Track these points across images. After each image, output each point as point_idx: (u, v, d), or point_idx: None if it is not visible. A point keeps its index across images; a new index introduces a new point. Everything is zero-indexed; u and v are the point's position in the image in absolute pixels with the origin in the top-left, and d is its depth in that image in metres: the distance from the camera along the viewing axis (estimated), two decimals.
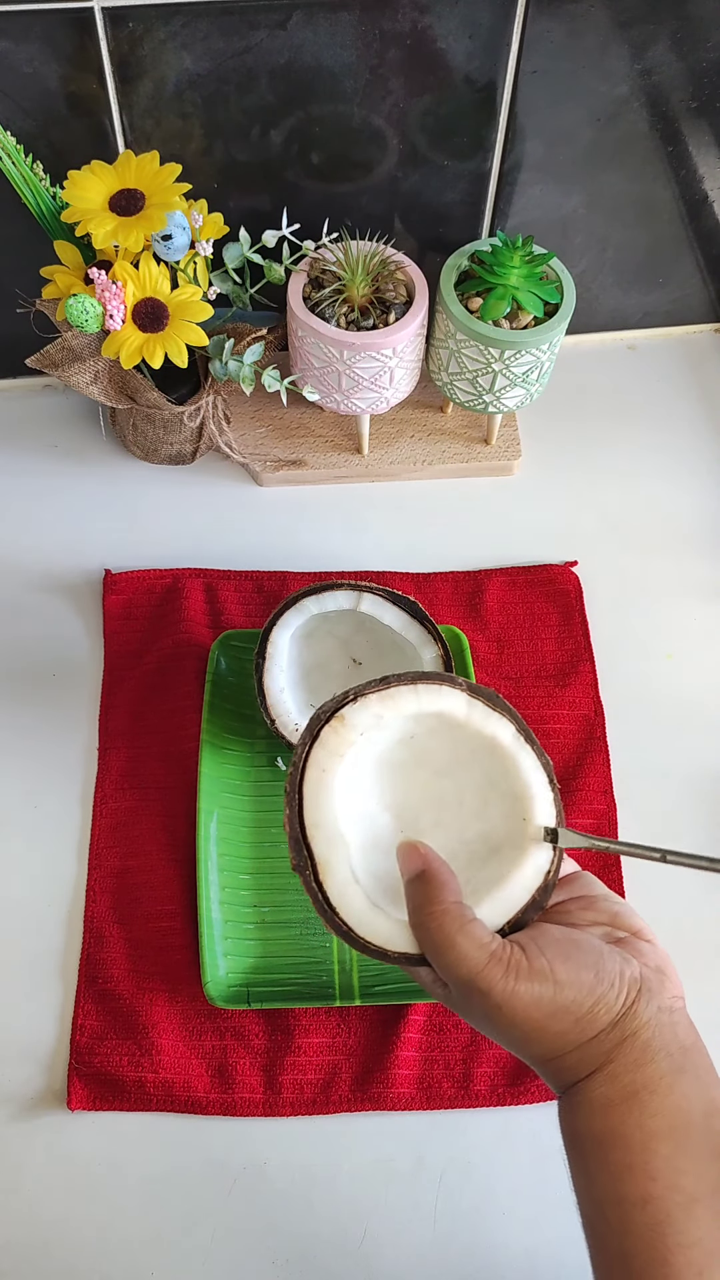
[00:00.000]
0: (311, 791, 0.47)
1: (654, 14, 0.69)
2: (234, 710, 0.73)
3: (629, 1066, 0.42)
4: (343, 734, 0.48)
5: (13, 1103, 0.63)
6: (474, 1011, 0.44)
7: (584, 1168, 0.43)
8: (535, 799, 0.49)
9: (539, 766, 0.49)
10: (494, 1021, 0.43)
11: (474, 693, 0.50)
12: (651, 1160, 0.41)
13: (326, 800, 0.47)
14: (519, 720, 0.50)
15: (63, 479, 0.86)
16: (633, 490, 0.86)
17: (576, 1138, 0.43)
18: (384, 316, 0.74)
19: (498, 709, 0.50)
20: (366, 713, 0.49)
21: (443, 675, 0.50)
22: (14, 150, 0.67)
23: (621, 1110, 0.42)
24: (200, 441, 0.82)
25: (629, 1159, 0.41)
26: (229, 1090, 0.63)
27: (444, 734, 0.50)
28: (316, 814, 0.47)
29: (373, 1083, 0.63)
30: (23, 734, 0.74)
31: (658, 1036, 0.43)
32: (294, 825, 0.47)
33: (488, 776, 0.51)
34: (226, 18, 0.66)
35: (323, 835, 0.47)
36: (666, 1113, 0.42)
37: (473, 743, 0.50)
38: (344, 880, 0.47)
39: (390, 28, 0.68)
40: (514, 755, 0.49)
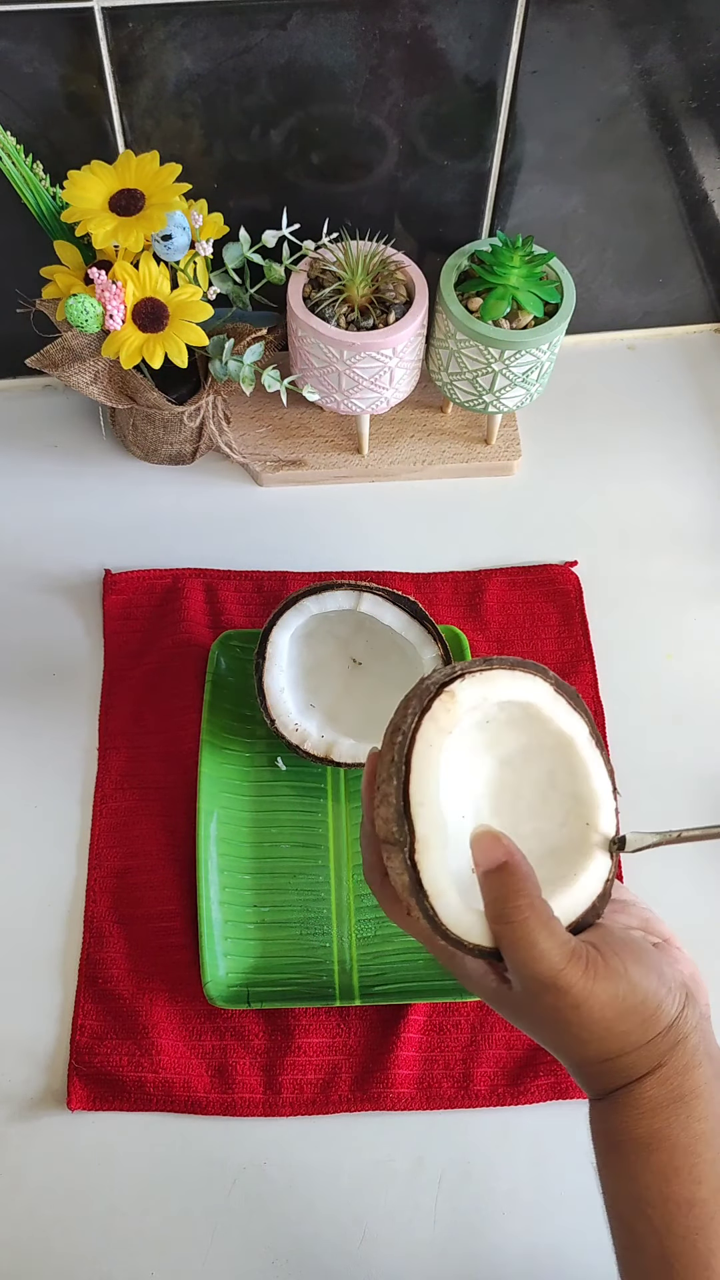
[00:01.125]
0: (420, 765, 0.46)
1: (654, 14, 0.69)
2: (234, 710, 0.73)
3: (679, 1070, 0.42)
4: (453, 711, 0.47)
5: (13, 1103, 0.63)
6: (540, 1011, 0.43)
7: (624, 1169, 0.43)
8: (601, 805, 0.48)
9: (605, 773, 0.49)
10: (565, 1021, 0.43)
11: (559, 688, 0.49)
12: (697, 1164, 0.41)
13: (433, 777, 0.46)
14: (593, 724, 0.50)
15: (63, 479, 0.86)
16: (633, 490, 0.86)
17: (616, 1138, 0.43)
18: (384, 316, 0.74)
19: (578, 709, 0.49)
20: (473, 691, 0.47)
21: (534, 665, 0.49)
22: (14, 150, 0.67)
23: (668, 1113, 0.42)
24: (200, 441, 0.82)
25: (674, 1161, 0.41)
26: (229, 1090, 0.63)
27: (522, 724, 0.50)
28: (422, 790, 0.45)
29: (373, 1083, 0.63)
30: (22, 734, 0.74)
31: (703, 1042, 0.43)
32: (399, 798, 0.45)
33: (551, 775, 0.50)
34: (226, 18, 0.66)
35: (426, 813, 0.45)
36: (711, 1117, 0.42)
37: (547, 738, 0.49)
38: (438, 862, 0.45)
39: (390, 28, 0.68)
40: (585, 757, 0.49)
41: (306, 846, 0.70)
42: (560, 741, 0.49)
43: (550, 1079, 0.63)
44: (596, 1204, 0.44)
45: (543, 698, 0.49)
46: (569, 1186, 0.61)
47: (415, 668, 0.70)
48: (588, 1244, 0.59)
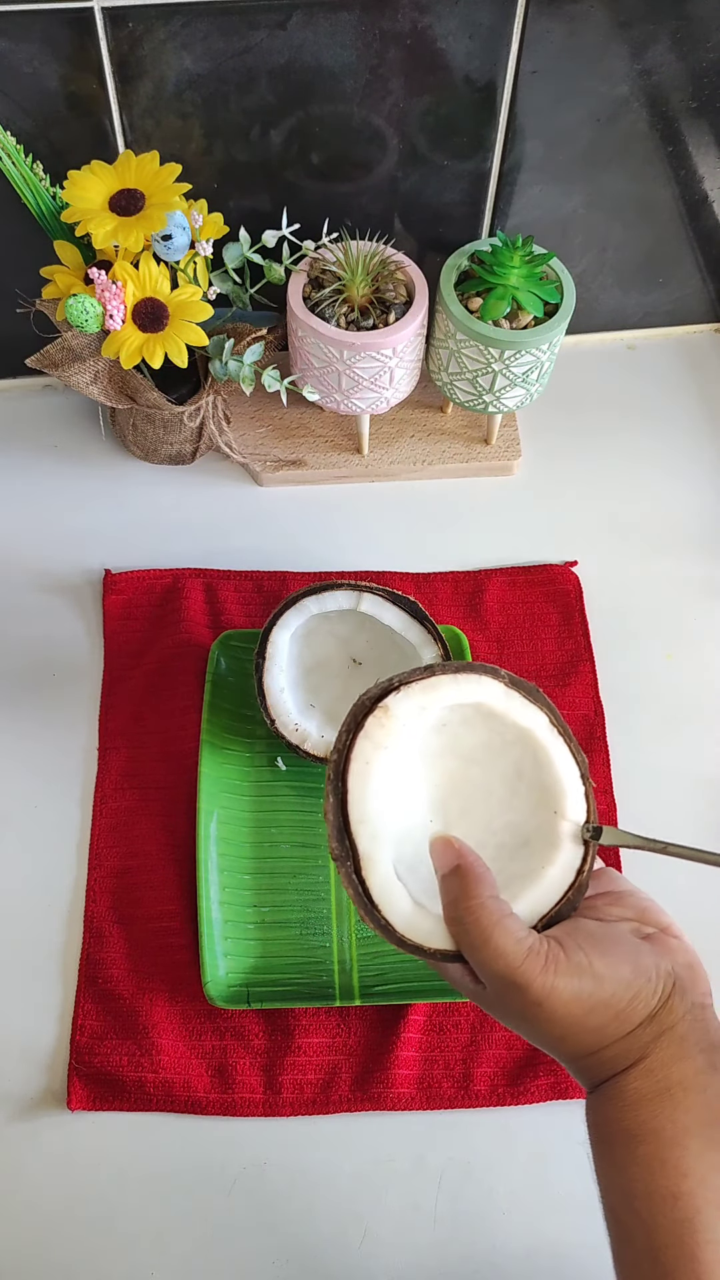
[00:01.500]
0: (356, 783, 0.47)
1: (654, 14, 0.69)
2: (234, 710, 0.73)
3: (664, 1061, 0.42)
4: (387, 725, 0.47)
5: (13, 1103, 0.63)
6: (510, 1009, 0.44)
7: (613, 1160, 0.43)
8: (567, 793, 0.48)
9: (572, 761, 0.49)
10: (531, 1018, 0.43)
11: (513, 684, 0.49)
12: (684, 1156, 0.41)
13: (371, 793, 0.47)
14: (556, 715, 0.50)
15: (63, 479, 0.86)
16: (632, 490, 0.86)
17: (606, 1131, 0.43)
18: (384, 316, 0.74)
19: (535, 701, 0.50)
20: (410, 703, 0.48)
21: (484, 666, 0.49)
22: (14, 150, 0.67)
23: (654, 1105, 0.42)
24: (200, 441, 0.82)
25: (660, 1153, 0.41)
26: (229, 1090, 0.63)
27: (478, 723, 0.50)
28: (361, 808, 0.46)
29: (373, 1083, 0.63)
30: (22, 734, 0.74)
31: (692, 1032, 0.43)
32: (337, 815, 0.47)
33: (517, 767, 0.50)
34: (226, 18, 0.66)
35: (367, 830, 0.46)
36: (699, 1109, 0.42)
37: (507, 733, 0.50)
38: (386, 876, 0.46)
39: (390, 28, 0.68)
40: (546, 746, 0.49)
41: (306, 846, 0.70)
42: (520, 734, 0.49)
43: (550, 1079, 0.63)
44: (596, 1204, 0.44)
45: (494, 695, 0.49)
46: (569, 1186, 0.61)
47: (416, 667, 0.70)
48: (588, 1244, 0.59)
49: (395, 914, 0.46)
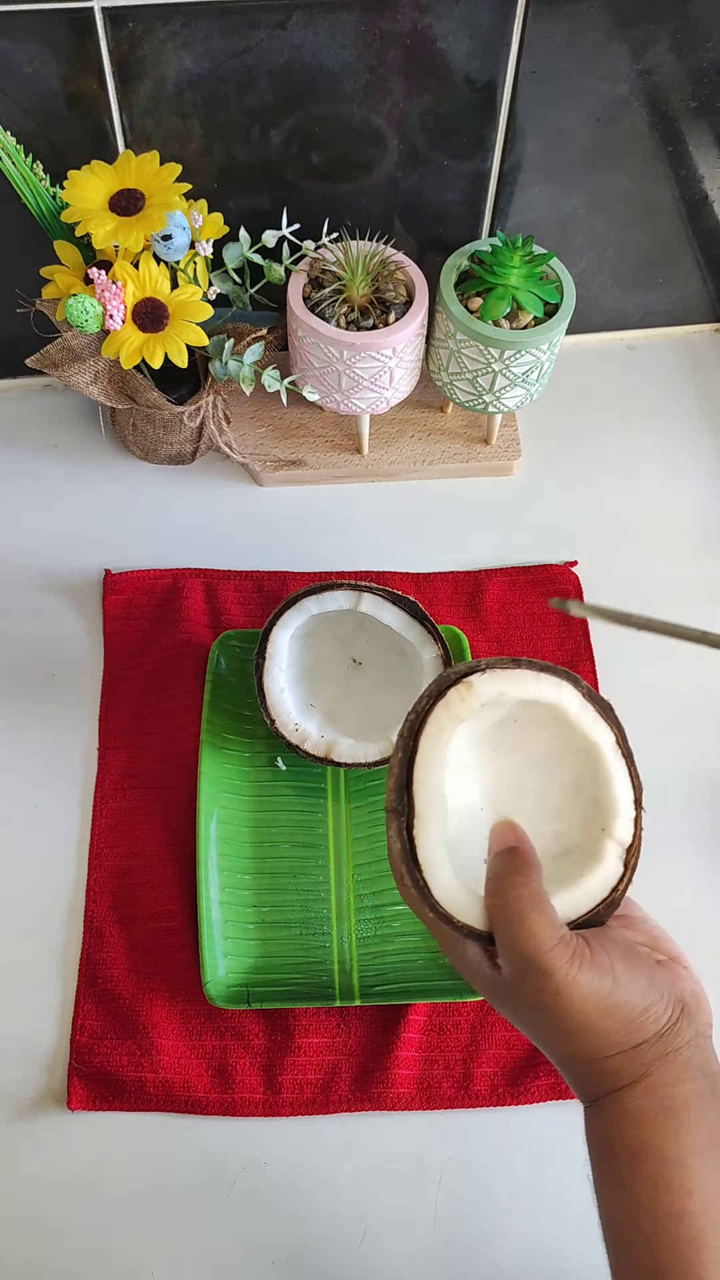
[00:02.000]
0: (427, 745, 0.47)
1: (654, 14, 0.69)
2: (234, 710, 0.73)
3: (668, 1081, 0.42)
4: (468, 700, 0.48)
5: (13, 1103, 0.63)
6: (526, 996, 0.44)
7: (616, 1178, 0.43)
8: (619, 815, 0.49)
9: (630, 785, 0.49)
10: (547, 1008, 0.43)
11: (589, 697, 0.50)
12: (688, 1176, 0.41)
13: (439, 759, 0.47)
14: (624, 735, 0.50)
15: (63, 479, 0.86)
16: (633, 490, 0.86)
17: (608, 1147, 0.43)
18: (384, 316, 0.74)
19: (607, 718, 0.50)
20: (493, 686, 0.48)
21: (566, 672, 0.50)
22: (14, 150, 0.67)
23: (658, 1123, 0.42)
24: (200, 441, 0.82)
25: (664, 1172, 0.41)
26: (229, 1090, 0.63)
27: (549, 727, 0.50)
28: (426, 769, 0.47)
29: (373, 1083, 0.63)
30: (23, 734, 0.74)
31: (695, 1058, 0.43)
32: (402, 770, 0.47)
33: (577, 779, 0.51)
34: (226, 18, 0.66)
35: (427, 791, 0.47)
36: (703, 1130, 0.42)
37: (574, 742, 0.50)
38: (436, 840, 0.47)
39: (390, 28, 0.68)
40: (609, 764, 0.49)
41: (306, 846, 0.70)
42: (587, 747, 0.49)
43: (550, 1079, 0.63)
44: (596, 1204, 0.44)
45: (569, 702, 0.49)
46: (569, 1186, 0.61)
47: (415, 668, 0.70)
48: (588, 1244, 0.59)
49: (435, 879, 0.46)
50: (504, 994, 0.46)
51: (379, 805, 0.71)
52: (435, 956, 0.67)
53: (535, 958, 0.43)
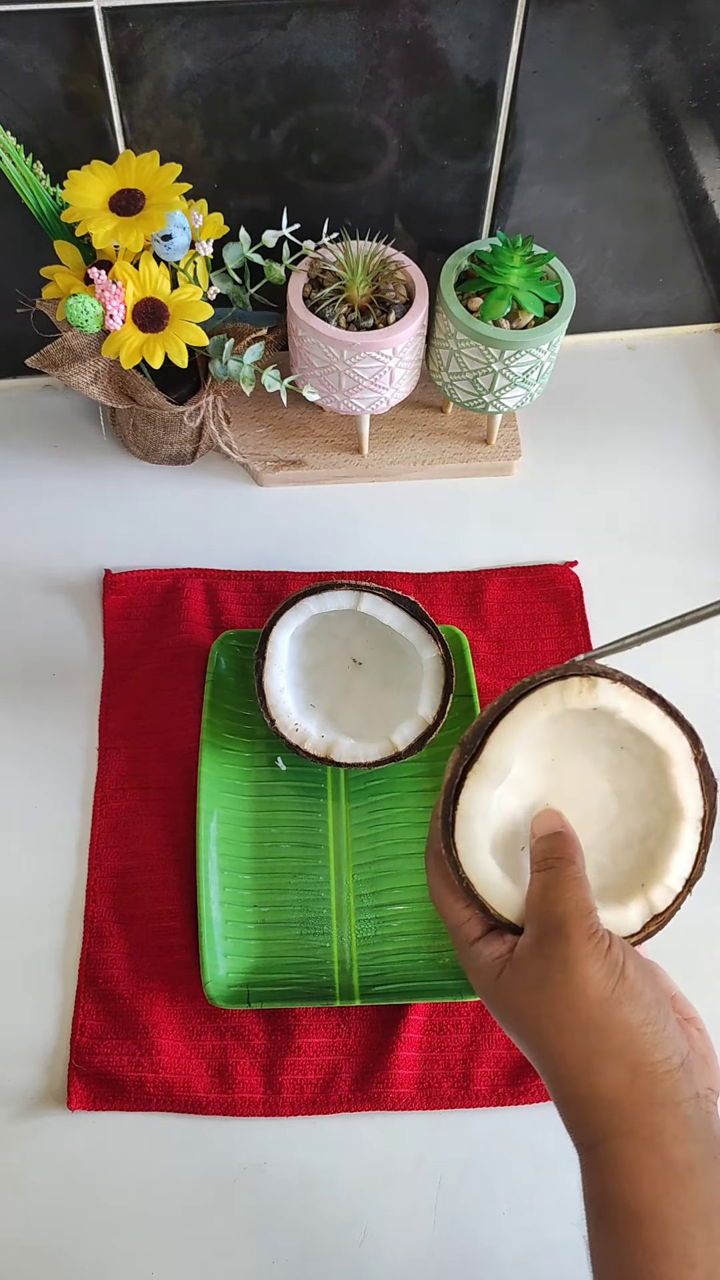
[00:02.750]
0: (523, 710, 0.47)
1: (654, 14, 0.69)
2: (234, 710, 0.73)
3: (671, 1140, 0.41)
4: (584, 696, 0.47)
5: (13, 1103, 0.63)
6: (532, 967, 0.44)
7: (614, 1242, 0.41)
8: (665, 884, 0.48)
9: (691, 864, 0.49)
10: (550, 982, 0.43)
11: (701, 764, 0.49)
12: (691, 1246, 0.40)
13: (526, 727, 0.47)
14: (714, 817, 0.49)
15: (63, 479, 0.86)
16: (633, 490, 0.86)
17: (607, 1207, 0.42)
18: (384, 316, 0.74)
19: (705, 793, 0.49)
20: (615, 699, 0.48)
21: (693, 730, 0.49)
22: (14, 150, 0.67)
23: (660, 1184, 0.41)
24: (200, 441, 0.82)
25: (665, 1240, 0.40)
26: (229, 1090, 0.63)
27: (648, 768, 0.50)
28: (511, 729, 0.47)
29: (373, 1083, 0.63)
30: (22, 734, 0.74)
31: (697, 1117, 0.42)
32: (490, 716, 0.47)
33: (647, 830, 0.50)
34: (226, 18, 0.66)
35: (500, 748, 0.47)
36: (704, 1196, 0.40)
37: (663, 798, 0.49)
38: (482, 803, 0.47)
39: (390, 28, 0.68)
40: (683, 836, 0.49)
41: (306, 846, 0.70)
42: (672, 807, 0.49)
43: None
44: None
45: (678, 758, 0.49)
46: (569, 1186, 0.61)
47: (415, 668, 0.70)
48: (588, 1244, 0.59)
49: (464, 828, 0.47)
50: (508, 978, 0.45)
51: (379, 805, 0.71)
52: (435, 956, 0.67)
53: (562, 920, 0.43)
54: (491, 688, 0.75)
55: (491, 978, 0.46)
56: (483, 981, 0.47)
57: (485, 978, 0.46)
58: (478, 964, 0.47)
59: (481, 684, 0.75)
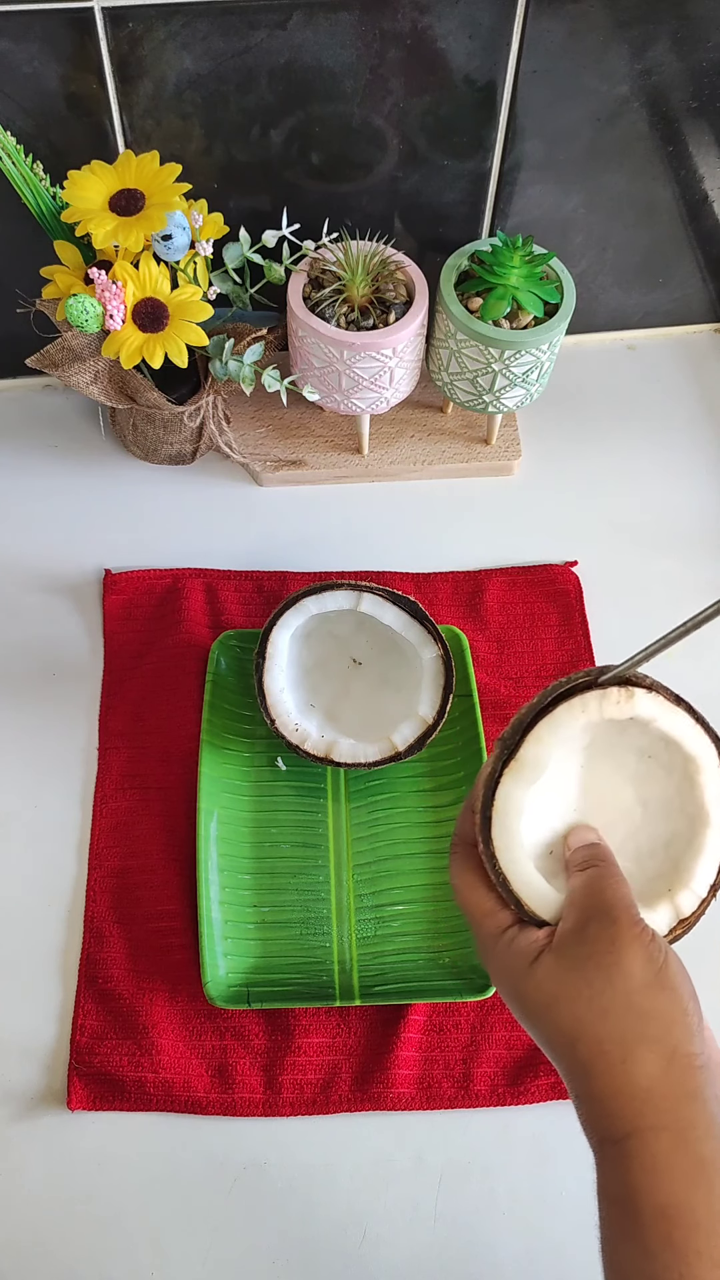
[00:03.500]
0: (563, 714, 0.47)
1: (654, 14, 0.69)
2: (234, 710, 0.73)
3: (701, 1136, 0.40)
4: (622, 706, 0.48)
5: (13, 1103, 0.63)
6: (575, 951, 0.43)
7: (640, 1239, 0.40)
8: (691, 888, 0.49)
9: (716, 869, 0.49)
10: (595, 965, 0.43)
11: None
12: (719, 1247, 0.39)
13: (563, 731, 0.47)
14: None
15: (63, 479, 0.86)
16: (633, 490, 0.86)
17: (630, 1204, 0.40)
18: (384, 316, 0.74)
19: None
20: (651, 708, 0.48)
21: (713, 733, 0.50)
22: (14, 150, 0.67)
23: (690, 1182, 0.40)
24: (200, 441, 0.82)
25: (695, 1241, 0.39)
26: (229, 1090, 0.63)
27: (675, 776, 0.50)
28: (549, 731, 0.47)
29: (373, 1083, 0.63)
30: (23, 734, 0.74)
31: None
32: (529, 716, 0.47)
33: (672, 837, 0.50)
34: (226, 18, 0.66)
35: (539, 748, 0.47)
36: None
37: (689, 806, 0.50)
38: (518, 800, 0.47)
39: (390, 28, 0.68)
40: (709, 842, 0.49)
41: (306, 846, 0.70)
42: (698, 814, 0.49)
43: (550, 1079, 0.63)
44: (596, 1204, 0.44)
45: (708, 765, 0.49)
46: (569, 1186, 0.61)
47: (415, 668, 0.70)
48: (588, 1244, 0.59)
49: (504, 822, 0.47)
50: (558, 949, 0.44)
51: (379, 805, 0.71)
52: (435, 956, 0.67)
53: (610, 907, 0.44)
54: (491, 688, 0.75)
55: (525, 963, 0.45)
56: (514, 968, 0.45)
57: (518, 964, 0.45)
58: (511, 950, 0.46)
59: (481, 684, 0.75)
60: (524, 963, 0.45)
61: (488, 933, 0.47)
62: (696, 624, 0.45)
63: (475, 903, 0.48)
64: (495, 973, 0.47)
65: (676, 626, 0.46)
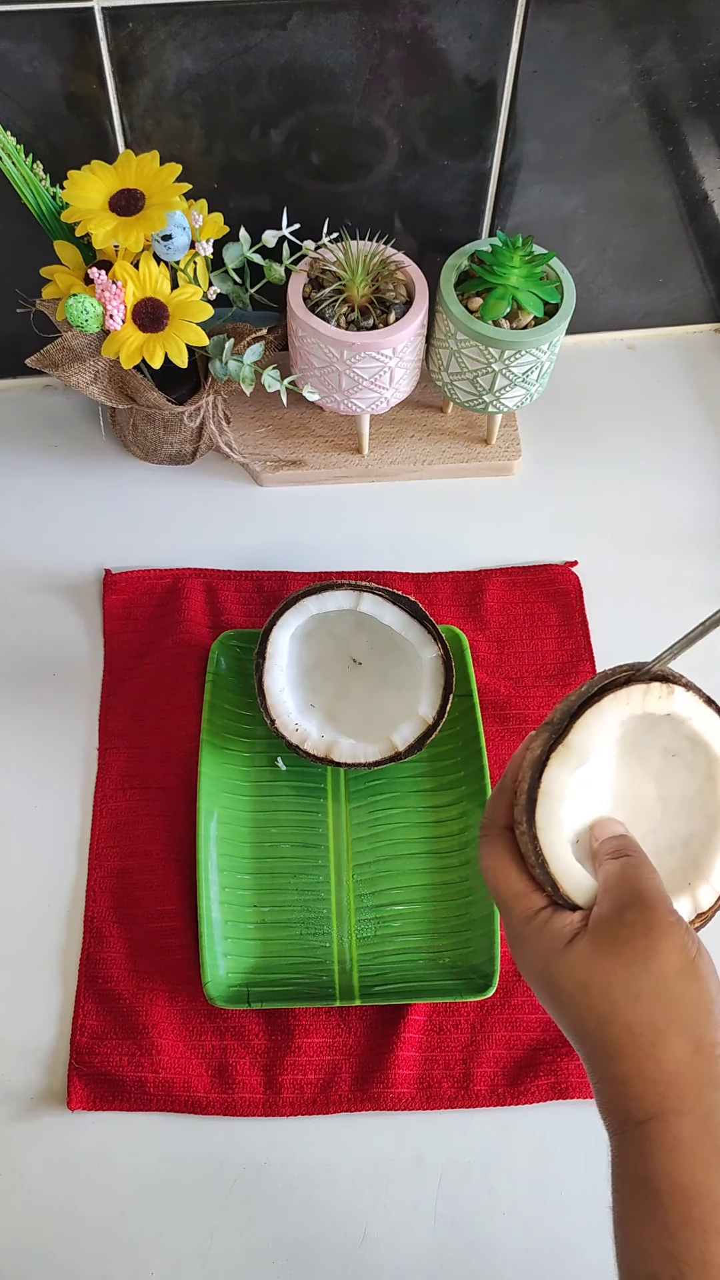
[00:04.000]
0: (610, 704, 0.48)
1: (654, 14, 0.69)
2: (234, 710, 0.73)
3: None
4: (663, 702, 0.48)
5: (13, 1103, 0.63)
6: (612, 930, 0.44)
7: (662, 1221, 0.41)
8: (710, 883, 0.49)
9: None
10: (632, 948, 0.43)
11: None
12: None
13: (610, 718, 0.48)
14: None
15: (63, 479, 0.86)
16: (633, 490, 0.86)
17: (653, 1182, 0.41)
18: (384, 316, 0.74)
19: None
20: (688, 706, 0.49)
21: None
22: (14, 150, 0.67)
23: (711, 1165, 0.40)
24: (200, 441, 0.82)
25: (716, 1221, 0.40)
26: (229, 1090, 0.63)
27: (698, 775, 0.50)
28: (596, 719, 0.48)
29: (373, 1083, 0.63)
30: (22, 734, 0.74)
31: None
32: (577, 703, 0.48)
33: (690, 835, 0.51)
34: (226, 18, 0.66)
35: (585, 735, 0.47)
36: None
37: (709, 805, 0.50)
38: (562, 785, 0.47)
39: (390, 28, 0.68)
40: None
41: (306, 846, 0.70)
42: (717, 813, 0.50)
43: (550, 1079, 0.63)
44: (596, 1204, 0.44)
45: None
46: (569, 1186, 0.61)
47: (415, 667, 0.70)
48: (588, 1244, 0.59)
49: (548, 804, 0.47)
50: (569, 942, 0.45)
51: (379, 805, 0.71)
52: (435, 956, 0.67)
53: (646, 893, 0.44)
54: (491, 688, 0.75)
55: (560, 945, 0.45)
56: (548, 950, 0.45)
57: (552, 945, 0.45)
58: (545, 932, 0.46)
59: (481, 684, 0.75)
60: (558, 944, 0.45)
61: (520, 915, 0.47)
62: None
63: (507, 885, 0.48)
64: (526, 954, 0.47)
65: (710, 616, 0.46)
